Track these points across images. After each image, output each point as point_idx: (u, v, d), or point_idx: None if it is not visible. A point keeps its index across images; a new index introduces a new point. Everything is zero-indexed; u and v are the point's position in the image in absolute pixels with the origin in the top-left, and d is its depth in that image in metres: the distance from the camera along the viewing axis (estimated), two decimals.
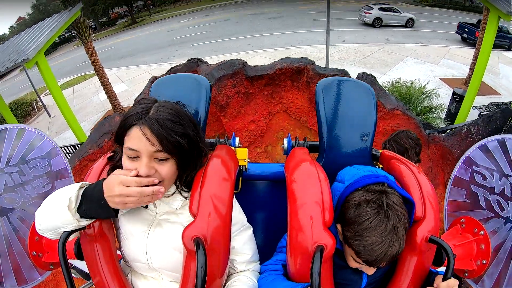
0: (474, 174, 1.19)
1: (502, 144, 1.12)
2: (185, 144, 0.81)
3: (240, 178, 1.28)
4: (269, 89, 4.44)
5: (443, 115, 7.91)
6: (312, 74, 4.05)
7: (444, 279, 0.79)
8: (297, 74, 4.27)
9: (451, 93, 8.68)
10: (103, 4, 29.96)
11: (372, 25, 16.58)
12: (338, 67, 4.55)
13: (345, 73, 4.10)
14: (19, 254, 1.20)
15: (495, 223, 1.12)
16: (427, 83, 8.65)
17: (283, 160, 1.23)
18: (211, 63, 4.54)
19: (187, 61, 4.57)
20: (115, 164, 0.88)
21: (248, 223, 0.99)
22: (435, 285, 0.80)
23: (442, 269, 0.86)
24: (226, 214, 0.83)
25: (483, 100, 9.12)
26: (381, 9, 16.50)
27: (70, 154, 7.22)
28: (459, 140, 3.43)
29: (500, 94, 10.47)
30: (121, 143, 0.81)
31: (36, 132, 1.30)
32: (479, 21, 11.60)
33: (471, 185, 1.20)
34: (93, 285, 0.96)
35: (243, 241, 0.94)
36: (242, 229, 0.95)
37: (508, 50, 14.02)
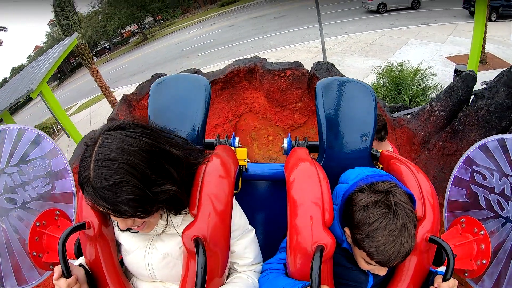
0: (474, 174, 1.19)
1: (502, 144, 1.12)
2: (170, 188, 0.74)
3: (240, 178, 1.28)
4: (227, 92, 4.46)
5: None
6: (263, 71, 4.05)
7: (444, 279, 0.78)
8: (250, 74, 4.30)
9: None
10: (113, 25, 30.73)
11: (377, 11, 16.18)
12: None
13: (298, 65, 4.06)
14: (19, 254, 1.20)
15: (495, 223, 1.12)
16: (421, 62, 7.89)
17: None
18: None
19: (151, 76, 4.73)
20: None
21: (250, 226, 0.99)
22: (435, 285, 0.80)
23: (442, 269, 0.86)
24: (226, 214, 0.83)
25: (494, 75, 8.35)
26: None
27: None
28: (423, 120, 2.97)
29: None
30: None
31: (36, 132, 1.30)
32: None
33: (471, 185, 1.20)
34: None
35: (244, 245, 0.94)
36: (244, 234, 0.94)
37: None
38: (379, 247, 0.75)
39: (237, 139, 1.31)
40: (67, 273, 0.75)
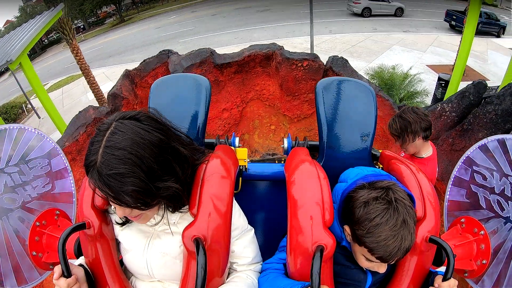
0: (474, 174, 1.19)
1: (502, 144, 1.12)
2: (173, 185, 0.75)
3: (240, 178, 1.28)
4: (239, 76, 4.40)
5: (427, 100, 7.76)
6: (281, 59, 4.04)
7: (444, 279, 0.79)
8: (266, 60, 4.26)
9: (437, 79, 8.39)
10: (90, 3, 29.37)
11: (361, 15, 16.62)
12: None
13: (315, 56, 4.09)
14: (19, 254, 1.20)
15: (495, 223, 1.12)
16: (411, 68, 8.34)
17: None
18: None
19: (159, 52, 4.55)
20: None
21: (249, 226, 0.99)
22: (435, 285, 0.80)
23: (442, 269, 0.86)
24: (226, 214, 0.83)
25: None
26: None
27: None
28: (433, 118, 3.24)
29: (488, 80, 10.37)
30: None
31: (36, 132, 1.30)
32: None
33: (471, 185, 1.20)
34: None
35: (243, 245, 0.94)
36: (243, 233, 0.94)
37: (497, 36, 13.99)
38: (381, 242, 0.76)
39: (237, 139, 1.31)
40: (67, 273, 0.75)
